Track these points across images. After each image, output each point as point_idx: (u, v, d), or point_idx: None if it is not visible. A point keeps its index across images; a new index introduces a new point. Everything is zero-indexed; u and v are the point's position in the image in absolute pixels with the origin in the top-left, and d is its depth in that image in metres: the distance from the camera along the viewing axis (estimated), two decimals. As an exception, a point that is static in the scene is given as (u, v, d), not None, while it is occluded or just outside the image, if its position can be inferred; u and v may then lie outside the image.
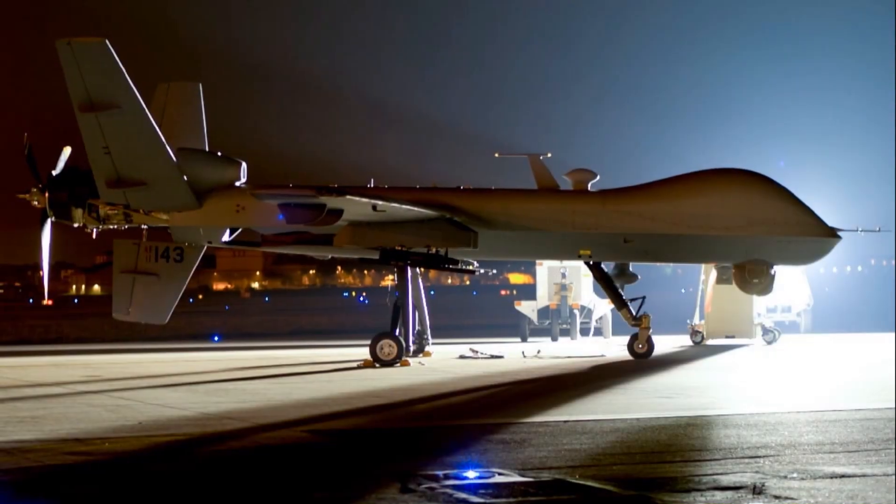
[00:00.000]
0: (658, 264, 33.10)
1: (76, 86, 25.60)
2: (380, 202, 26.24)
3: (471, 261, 30.05)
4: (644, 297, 29.90)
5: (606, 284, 30.20)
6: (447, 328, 46.26)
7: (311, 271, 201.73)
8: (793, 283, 39.94)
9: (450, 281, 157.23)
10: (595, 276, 30.83)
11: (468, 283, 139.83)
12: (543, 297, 41.98)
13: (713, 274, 36.10)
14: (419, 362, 28.54)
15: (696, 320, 37.83)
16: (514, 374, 25.17)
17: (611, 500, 10.50)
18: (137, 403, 18.89)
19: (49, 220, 27.98)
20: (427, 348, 30.97)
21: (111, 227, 27.97)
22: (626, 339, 30.65)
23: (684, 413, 16.91)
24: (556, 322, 41.40)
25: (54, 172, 28.02)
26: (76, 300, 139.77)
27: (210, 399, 19.66)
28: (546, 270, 41.98)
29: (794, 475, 11.46)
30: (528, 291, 47.55)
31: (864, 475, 11.45)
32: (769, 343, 36.60)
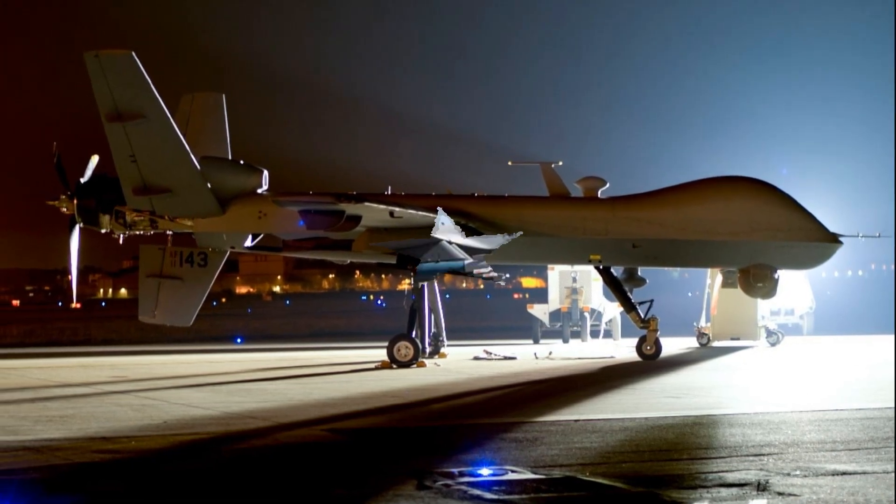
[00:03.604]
0: (665, 268, 33.44)
1: (103, 97, 26.17)
2: (397, 209, 26.74)
3: (485, 265, 30.44)
4: (652, 301, 30.35)
5: (616, 288, 30.66)
6: (462, 330, 46.32)
7: (330, 275, 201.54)
8: (795, 286, 40.22)
9: (464, 285, 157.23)
10: (605, 280, 31.25)
11: (482, 286, 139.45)
12: (555, 300, 42.16)
13: (719, 278, 36.47)
14: (435, 363, 28.99)
15: (703, 323, 38.10)
16: (526, 375, 25.53)
17: (620, 497, 10.85)
18: (163, 403, 19.33)
19: (77, 226, 28.48)
20: (442, 350, 31.36)
21: (137, 232, 28.44)
22: (634, 340, 31.05)
23: (691, 412, 17.31)
24: (567, 324, 41.52)
25: (82, 180, 28.54)
26: (103, 303, 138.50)
27: (233, 399, 20.07)
28: (557, 275, 42.17)
29: (797, 472, 11.80)
30: (540, 295, 47.61)
31: (864, 472, 11.79)
32: (773, 345, 36.84)
